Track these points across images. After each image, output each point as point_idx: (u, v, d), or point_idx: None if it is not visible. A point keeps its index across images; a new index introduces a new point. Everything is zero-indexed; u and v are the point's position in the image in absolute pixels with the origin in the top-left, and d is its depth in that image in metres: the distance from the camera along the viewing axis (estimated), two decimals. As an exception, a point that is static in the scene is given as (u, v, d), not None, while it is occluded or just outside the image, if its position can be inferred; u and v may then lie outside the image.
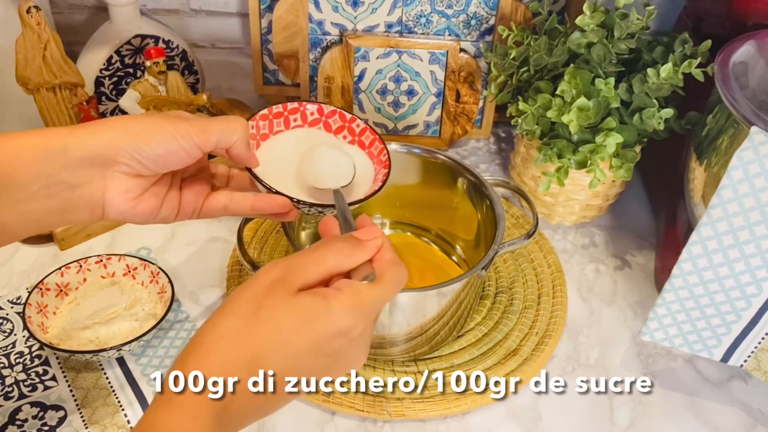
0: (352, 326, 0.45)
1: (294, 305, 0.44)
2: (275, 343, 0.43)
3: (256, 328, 0.43)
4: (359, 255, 0.47)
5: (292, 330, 0.43)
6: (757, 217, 0.59)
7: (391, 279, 0.47)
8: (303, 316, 0.44)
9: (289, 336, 0.43)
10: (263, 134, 0.61)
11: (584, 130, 0.77)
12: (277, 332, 0.43)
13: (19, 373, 0.68)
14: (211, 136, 0.53)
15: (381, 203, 0.83)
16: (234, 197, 0.59)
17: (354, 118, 0.64)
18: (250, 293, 0.45)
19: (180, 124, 0.52)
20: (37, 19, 0.78)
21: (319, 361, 0.45)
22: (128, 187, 0.52)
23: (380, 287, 0.47)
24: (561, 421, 0.68)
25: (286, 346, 0.43)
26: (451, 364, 0.71)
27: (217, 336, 0.43)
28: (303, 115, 0.63)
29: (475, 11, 0.91)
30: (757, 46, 0.70)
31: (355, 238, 0.48)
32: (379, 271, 0.48)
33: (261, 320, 0.43)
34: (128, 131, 0.50)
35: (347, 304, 0.45)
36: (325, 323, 0.44)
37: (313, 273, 0.46)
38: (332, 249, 0.47)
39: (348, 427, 0.66)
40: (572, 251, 0.86)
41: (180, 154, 0.52)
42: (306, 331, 0.44)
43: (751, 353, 0.66)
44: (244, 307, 0.44)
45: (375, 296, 0.46)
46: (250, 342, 0.43)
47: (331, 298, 0.44)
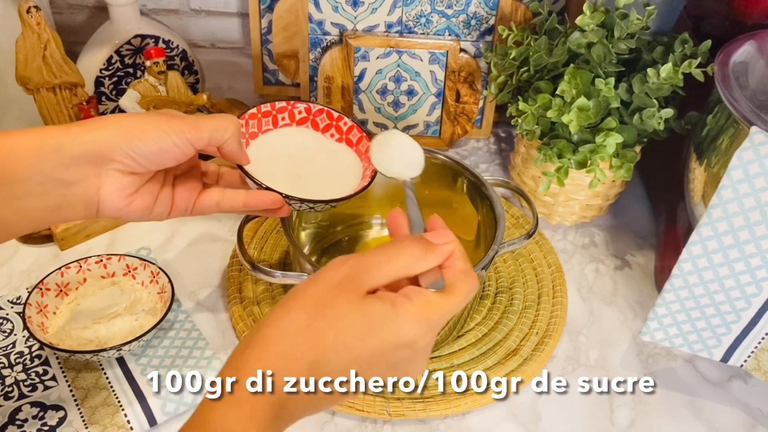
0: (419, 339, 0.44)
1: (362, 310, 0.43)
2: (338, 347, 0.42)
3: (321, 329, 0.42)
4: (431, 259, 0.46)
5: (356, 336, 0.42)
6: (757, 217, 0.59)
7: (462, 290, 0.46)
8: (370, 322, 0.42)
9: (353, 341, 0.42)
10: (252, 133, 0.63)
11: (584, 130, 0.77)
12: (341, 336, 0.42)
13: (19, 373, 0.68)
14: (203, 133, 0.53)
15: (381, 203, 0.83)
16: (226, 194, 0.59)
17: (341, 116, 0.66)
18: (318, 290, 0.44)
19: (173, 122, 0.52)
20: (37, 19, 0.78)
21: (378, 369, 0.44)
22: (123, 185, 0.53)
23: (450, 299, 0.45)
24: (561, 421, 0.68)
25: (349, 351, 0.42)
26: (451, 364, 0.71)
27: (281, 332, 0.42)
28: (291, 114, 0.65)
29: (475, 11, 0.91)
30: (757, 46, 0.70)
31: (427, 240, 0.46)
32: (449, 280, 0.46)
33: (327, 321, 0.42)
34: (123, 129, 0.51)
35: (416, 315, 0.43)
36: (391, 333, 0.43)
37: (383, 274, 0.44)
38: (404, 251, 0.45)
39: (348, 427, 0.66)
40: (572, 251, 0.86)
41: (174, 152, 0.53)
42: (370, 339, 0.42)
43: (751, 353, 0.66)
44: (310, 304, 0.43)
45: (444, 309, 0.45)
46: (314, 342, 0.42)
47: (399, 307, 0.43)
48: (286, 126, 0.65)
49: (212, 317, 0.75)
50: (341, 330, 0.42)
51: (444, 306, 0.44)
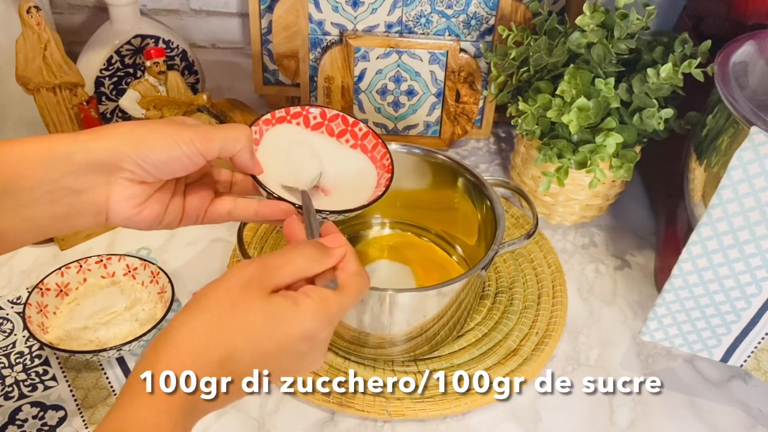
0: (319, 331, 0.47)
1: (266, 306, 0.46)
2: (246, 341, 0.45)
3: (231, 325, 0.45)
4: (326, 262, 0.50)
5: (262, 330, 0.45)
6: (757, 217, 0.59)
7: (354, 289, 0.50)
8: (274, 317, 0.46)
9: (260, 335, 0.45)
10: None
11: (584, 130, 0.77)
12: (248, 331, 0.45)
13: (19, 373, 0.68)
14: (214, 144, 0.53)
15: (381, 203, 0.82)
16: (238, 203, 0.59)
17: (357, 121, 0.64)
18: (224, 290, 0.46)
19: (183, 131, 0.51)
20: (37, 19, 0.78)
21: (282, 361, 0.47)
22: (132, 194, 0.52)
23: (345, 296, 0.49)
24: (561, 421, 0.68)
25: (256, 345, 0.45)
26: (451, 364, 0.71)
27: (191, 331, 0.44)
28: (306, 119, 0.63)
29: (475, 11, 0.91)
30: (757, 46, 0.70)
31: (322, 245, 0.51)
32: (343, 280, 0.50)
33: (235, 317, 0.45)
34: (132, 137, 0.50)
35: (315, 309, 0.47)
36: (294, 326, 0.46)
37: (284, 275, 0.48)
38: (303, 254, 0.49)
39: (348, 427, 0.66)
40: (572, 251, 0.86)
41: (183, 161, 0.52)
42: (276, 333, 0.46)
43: (751, 353, 0.66)
44: (218, 303, 0.45)
45: (340, 304, 0.49)
46: (223, 339, 0.44)
47: (300, 303, 0.46)
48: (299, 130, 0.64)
49: (212, 317, 0.75)
50: (249, 325, 0.45)
51: (339, 302, 0.49)
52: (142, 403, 0.42)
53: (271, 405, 0.67)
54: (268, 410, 0.67)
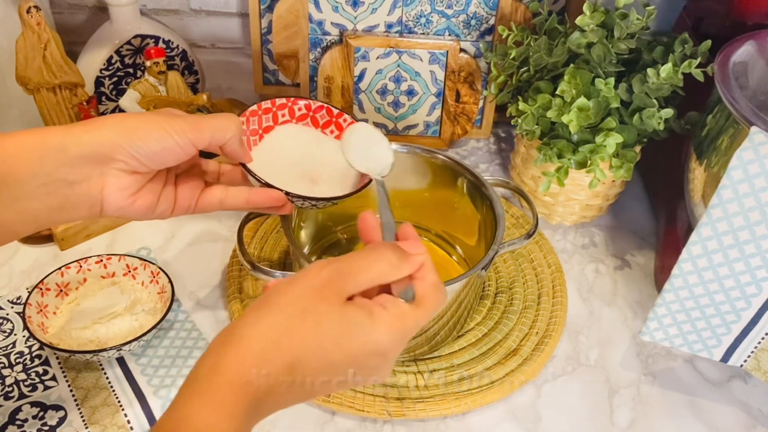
0: (391, 348, 0.45)
1: (341, 316, 0.44)
2: (315, 350, 0.43)
3: (301, 331, 0.43)
4: (405, 269, 0.47)
5: (334, 340, 0.43)
6: (757, 217, 0.59)
7: (432, 303, 0.47)
8: (348, 328, 0.44)
9: (331, 346, 0.43)
10: (253, 130, 0.63)
11: (584, 130, 0.77)
12: (319, 339, 0.43)
13: (19, 373, 0.68)
14: (204, 133, 0.54)
15: (381, 203, 0.83)
16: (229, 192, 0.60)
17: (341, 113, 0.66)
18: (298, 293, 0.44)
19: (175, 121, 0.53)
20: (37, 19, 0.78)
21: (349, 373, 0.45)
22: (125, 184, 0.53)
23: (422, 311, 0.46)
24: (561, 421, 0.68)
25: (326, 354, 0.43)
26: (451, 364, 0.71)
27: (259, 331, 0.43)
28: (291, 111, 0.65)
29: (475, 11, 0.91)
30: (757, 46, 0.70)
31: (402, 249, 0.47)
32: (420, 292, 0.47)
33: (307, 324, 0.43)
34: (125, 129, 0.51)
35: (391, 325, 0.45)
36: (366, 340, 0.44)
37: (361, 281, 0.45)
38: (382, 258, 0.46)
39: (348, 427, 0.66)
40: (572, 251, 0.86)
41: (176, 151, 0.53)
42: (347, 344, 0.44)
43: (751, 353, 0.66)
44: (290, 306, 0.44)
45: (416, 320, 0.46)
46: (293, 344, 0.43)
47: (376, 316, 0.44)
48: (286, 122, 0.65)
49: (212, 317, 0.75)
50: (320, 334, 0.43)
51: (416, 318, 0.46)
52: (205, 404, 0.40)
53: (271, 405, 0.67)
54: (268, 410, 0.67)
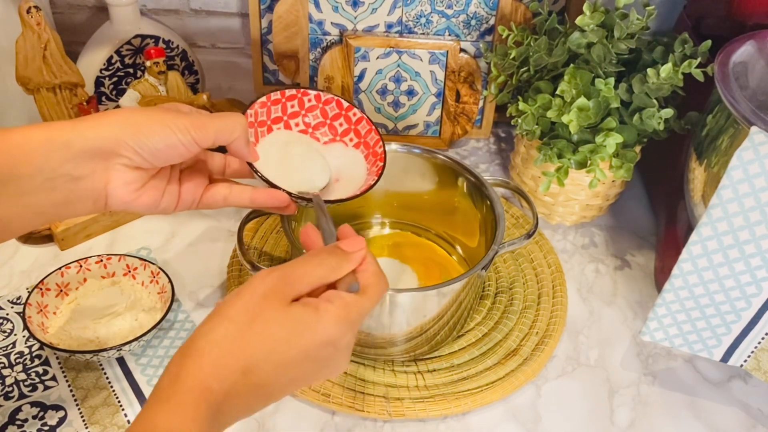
0: (341, 336, 0.47)
1: (287, 315, 0.46)
2: (267, 352, 0.45)
3: (251, 336, 0.45)
4: (345, 267, 0.50)
5: (284, 340, 0.46)
6: (757, 217, 0.59)
7: (375, 291, 0.50)
8: (295, 327, 0.46)
9: (282, 345, 0.46)
10: (261, 121, 0.63)
11: (584, 130, 0.77)
12: (270, 341, 0.45)
13: (19, 373, 0.68)
14: (209, 132, 0.54)
15: (381, 203, 0.83)
16: (234, 189, 0.60)
17: (351, 106, 0.65)
18: (245, 301, 0.46)
19: (179, 119, 0.53)
20: (37, 19, 0.78)
21: (306, 368, 0.47)
22: (130, 179, 0.53)
23: (366, 299, 0.49)
24: (561, 421, 0.68)
25: (278, 354, 0.46)
26: (451, 364, 0.71)
27: (213, 341, 0.45)
28: (300, 102, 0.64)
29: (475, 11, 0.91)
30: (757, 46, 0.70)
31: (341, 250, 0.51)
32: (364, 282, 0.51)
33: (256, 329, 0.45)
34: (130, 125, 0.51)
35: (337, 315, 0.47)
36: (315, 334, 0.46)
37: (304, 284, 0.48)
38: (323, 263, 0.49)
39: (348, 427, 0.66)
40: (572, 251, 0.86)
41: (179, 149, 0.53)
42: (297, 341, 0.46)
43: (751, 353, 0.66)
44: (240, 315, 0.46)
45: (362, 308, 0.49)
46: (245, 349, 0.45)
47: (322, 310, 0.47)
48: (295, 114, 0.64)
49: (212, 317, 0.75)
50: (270, 336, 0.45)
51: (361, 306, 0.49)
52: (169, 410, 0.43)
53: (271, 405, 0.67)
54: (268, 410, 0.67)
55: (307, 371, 0.47)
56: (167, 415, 0.42)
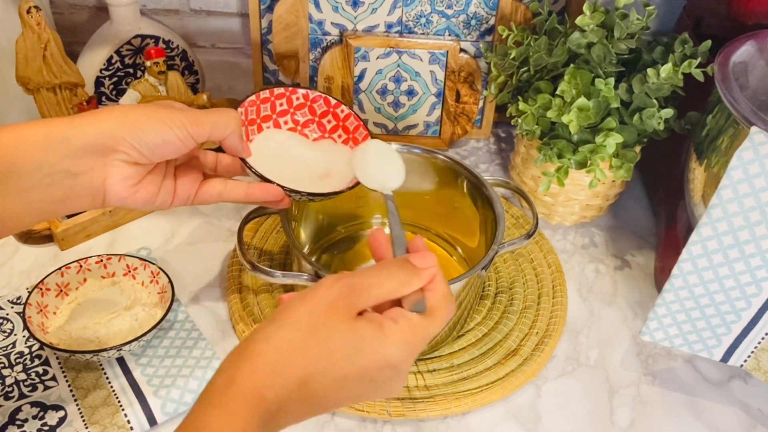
0: (402, 360, 0.46)
1: (352, 331, 0.45)
2: (327, 365, 0.44)
3: (313, 346, 0.44)
4: (415, 284, 0.48)
5: (345, 355, 0.44)
6: (757, 217, 0.59)
7: (443, 315, 0.48)
8: (359, 344, 0.44)
9: (342, 361, 0.44)
10: (251, 119, 0.64)
11: (584, 130, 0.77)
12: (331, 354, 0.44)
13: (19, 373, 0.68)
14: (204, 127, 0.55)
15: (381, 203, 0.83)
16: (228, 185, 0.61)
17: (339, 103, 0.67)
18: (309, 308, 0.45)
19: (176, 115, 0.54)
20: (37, 19, 0.78)
21: (362, 387, 0.46)
22: (127, 175, 0.54)
23: (433, 323, 0.47)
24: (561, 421, 0.68)
25: (337, 370, 0.44)
26: (451, 364, 0.71)
27: (273, 346, 0.44)
28: (289, 100, 0.66)
29: (475, 11, 0.91)
30: (757, 46, 0.70)
31: (412, 264, 0.48)
32: (431, 304, 0.48)
33: (318, 339, 0.44)
34: (128, 121, 0.52)
35: (401, 338, 0.45)
36: (377, 354, 0.45)
37: (372, 297, 0.46)
38: (392, 276, 0.47)
39: (348, 427, 0.66)
40: (572, 251, 0.86)
41: (176, 144, 0.54)
42: (359, 359, 0.45)
43: (751, 353, 0.66)
44: (302, 321, 0.45)
45: (427, 332, 0.47)
46: (305, 359, 0.44)
47: (387, 330, 0.45)
48: (284, 112, 0.66)
49: (212, 317, 0.75)
50: (331, 349, 0.44)
51: (426, 329, 0.47)
52: (221, 413, 0.42)
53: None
54: (268, 410, 0.67)
55: (363, 390, 0.46)
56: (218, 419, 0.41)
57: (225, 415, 0.41)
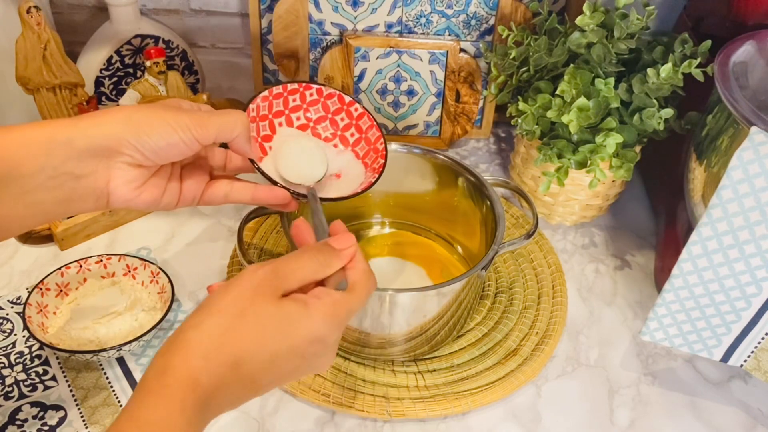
0: (329, 333, 0.48)
1: (278, 310, 0.46)
2: (258, 345, 0.46)
3: (241, 329, 0.45)
4: (335, 264, 0.50)
5: (274, 333, 0.46)
6: (757, 217, 0.59)
7: (363, 289, 0.50)
8: (285, 321, 0.46)
9: (271, 339, 0.46)
10: (263, 115, 0.63)
11: (584, 130, 0.77)
12: (260, 334, 0.46)
13: (19, 373, 0.68)
14: (210, 131, 0.54)
15: (381, 203, 0.83)
16: (235, 186, 0.61)
17: (353, 101, 0.65)
18: (236, 294, 0.46)
19: (180, 117, 0.53)
20: (37, 19, 0.78)
21: (294, 363, 0.47)
22: (131, 177, 0.54)
23: (354, 297, 0.50)
24: (561, 421, 0.68)
25: (268, 348, 0.46)
26: (451, 364, 0.71)
27: (202, 333, 0.45)
28: (302, 96, 0.65)
29: (475, 11, 0.91)
30: (757, 46, 0.70)
31: (330, 247, 0.51)
32: (352, 279, 0.51)
33: (246, 322, 0.45)
34: (132, 123, 0.52)
35: (326, 312, 0.47)
36: (304, 329, 0.47)
37: (295, 279, 0.48)
38: (312, 258, 0.50)
39: (348, 427, 0.66)
40: (572, 251, 0.86)
41: (180, 147, 0.53)
42: (287, 336, 0.46)
43: (751, 353, 0.66)
44: (230, 307, 0.46)
45: (350, 305, 0.49)
46: (235, 342, 0.45)
47: (311, 307, 0.47)
48: (296, 108, 0.64)
49: (212, 317, 0.75)
50: (260, 329, 0.46)
51: (349, 303, 0.49)
52: (156, 401, 0.42)
53: (271, 405, 0.67)
54: (268, 410, 0.67)
55: (295, 366, 0.47)
56: (154, 408, 0.42)
57: (160, 402, 0.42)
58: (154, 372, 0.44)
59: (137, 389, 0.44)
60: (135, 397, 0.43)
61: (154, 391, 0.43)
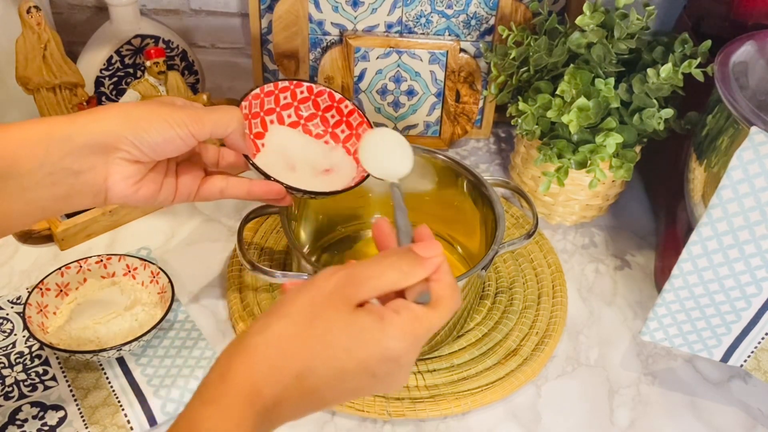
0: (404, 353, 0.44)
1: (350, 322, 0.43)
2: (325, 358, 0.42)
3: (310, 339, 0.42)
4: (419, 274, 0.46)
5: (344, 347, 0.43)
6: (757, 217, 0.59)
7: (447, 305, 0.46)
8: (358, 335, 0.43)
9: (341, 353, 0.43)
10: (255, 113, 0.64)
11: (584, 130, 0.77)
12: (329, 347, 0.42)
13: (19, 373, 0.68)
14: (205, 126, 0.55)
15: (381, 203, 0.83)
16: (230, 182, 0.61)
17: (343, 98, 0.66)
18: (307, 300, 0.44)
19: (176, 113, 0.53)
20: (37, 19, 0.78)
21: (362, 381, 0.44)
22: (129, 173, 0.54)
23: (437, 313, 0.45)
24: (561, 421, 0.68)
25: (336, 362, 0.43)
26: (451, 364, 0.71)
27: (268, 340, 0.42)
28: (293, 94, 0.66)
29: (475, 11, 0.91)
30: (757, 46, 0.70)
31: (414, 254, 0.46)
32: (436, 294, 0.46)
33: (315, 331, 0.43)
34: (129, 119, 0.52)
35: (403, 330, 0.43)
36: (377, 346, 0.43)
37: (372, 288, 0.44)
38: (394, 266, 0.45)
39: (348, 427, 0.66)
40: (572, 251, 0.86)
41: (177, 143, 0.54)
42: (357, 351, 0.43)
43: (751, 353, 0.66)
44: (299, 313, 0.43)
45: (430, 323, 0.45)
46: (302, 352, 0.42)
47: (387, 321, 0.43)
48: (287, 106, 0.65)
49: (212, 317, 0.75)
50: (330, 341, 0.42)
51: (430, 321, 0.45)
52: (215, 412, 0.40)
53: (271, 405, 0.67)
54: (268, 410, 0.67)
55: (363, 384, 0.44)
56: (212, 418, 0.40)
57: (219, 410, 0.40)
58: (215, 376, 0.42)
59: (196, 395, 0.42)
60: (193, 403, 0.41)
61: (212, 398, 0.41)
